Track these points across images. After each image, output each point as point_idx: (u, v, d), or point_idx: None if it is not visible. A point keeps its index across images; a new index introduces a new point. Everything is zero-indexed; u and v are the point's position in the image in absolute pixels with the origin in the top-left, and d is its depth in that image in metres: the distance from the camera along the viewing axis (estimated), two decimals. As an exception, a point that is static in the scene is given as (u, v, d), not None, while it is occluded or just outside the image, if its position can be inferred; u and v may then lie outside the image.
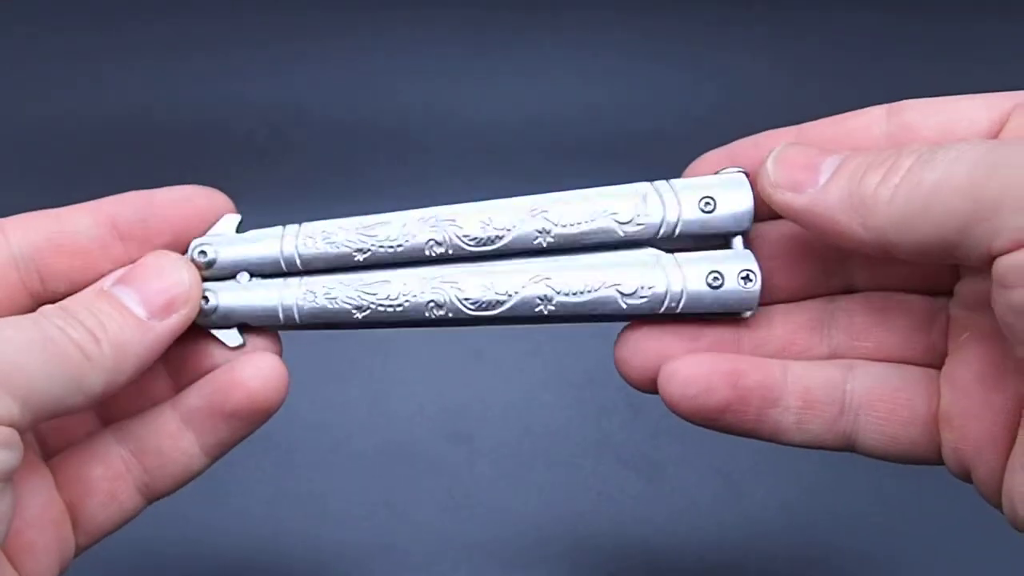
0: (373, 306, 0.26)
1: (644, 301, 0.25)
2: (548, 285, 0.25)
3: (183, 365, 0.27)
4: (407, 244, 0.26)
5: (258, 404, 0.25)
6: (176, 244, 0.26)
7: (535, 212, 0.25)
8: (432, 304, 0.25)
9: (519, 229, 0.25)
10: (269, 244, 0.26)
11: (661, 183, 0.26)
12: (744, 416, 0.25)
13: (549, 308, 0.25)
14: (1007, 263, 0.19)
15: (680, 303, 0.25)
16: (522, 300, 0.25)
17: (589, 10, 0.54)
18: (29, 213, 0.25)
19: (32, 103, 0.52)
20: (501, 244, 0.26)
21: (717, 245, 0.26)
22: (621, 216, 0.25)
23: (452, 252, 0.26)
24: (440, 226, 0.26)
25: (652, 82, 0.52)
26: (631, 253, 0.26)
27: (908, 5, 0.54)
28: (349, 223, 0.26)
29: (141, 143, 0.50)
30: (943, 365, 0.25)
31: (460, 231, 0.26)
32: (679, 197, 0.25)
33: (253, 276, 0.26)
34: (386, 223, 0.26)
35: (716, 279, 0.25)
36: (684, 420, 0.25)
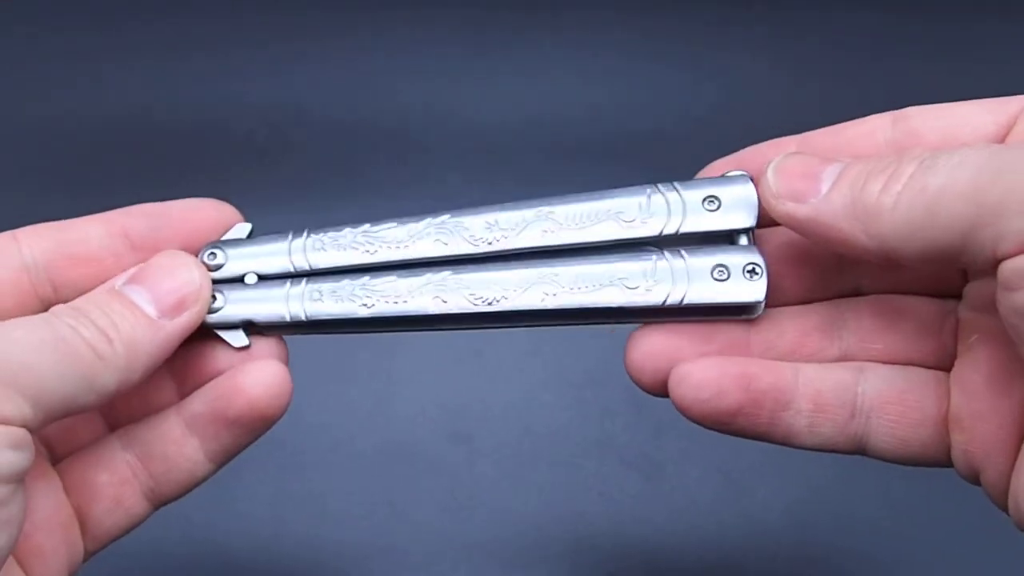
0: (379, 303, 0.26)
1: (649, 294, 0.25)
2: (554, 281, 0.25)
3: (188, 370, 0.27)
4: (414, 246, 0.26)
5: (259, 412, 0.25)
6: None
7: (541, 215, 0.26)
8: (438, 300, 0.26)
9: (525, 231, 0.26)
10: (277, 247, 0.26)
11: (665, 184, 0.26)
12: (757, 419, 0.25)
13: (555, 303, 0.25)
14: (1012, 267, 0.19)
15: (684, 296, 0.25)
16: (528, 297, 0.25)
17: (589, 10, 0.54)
18: (41, 224, 0.26)
19: (32, 103, 0.52)
20: (507, 246, 0.26)
21: (722, 240, 0.26)
22: (626, 216, 0.26)
23: (459, 254, 0.26)
24: (446, 229, 0.26)
25: (652, 82, 0.52)
26: (636, 252, 0.26)
27: (908, 5, 0.54)
28: (356, 228, 0.26)
29: (141, 143, 0.50)
30: (952, 367, 0.25)
31: (467, 232, 0.26)
32: (683, 197, 0.26)
33: (261, 278, 0.26)
34: (393, 227, 0.26)
35: (721, 272, 0.25)
36: (695, 423, 0.25)
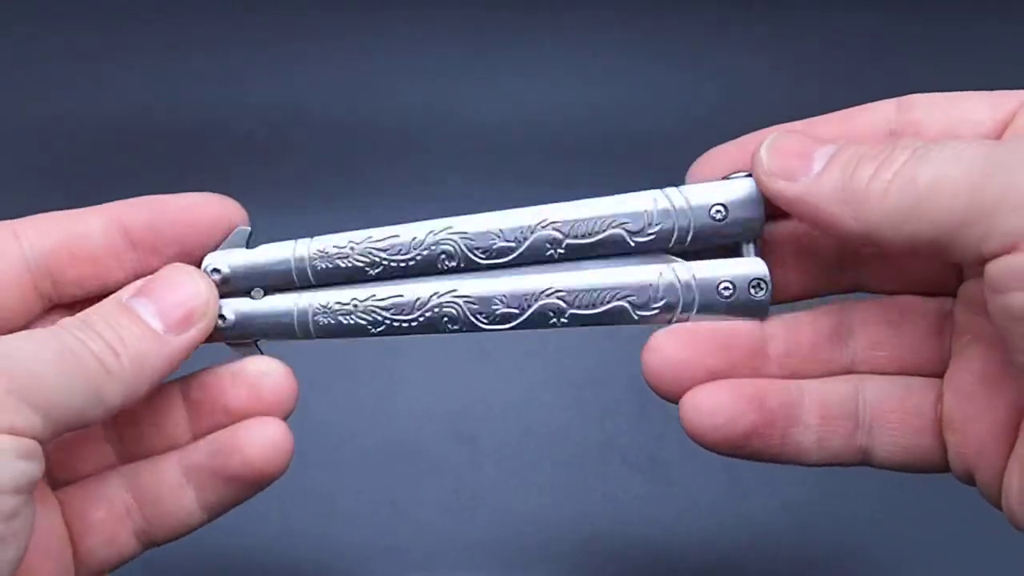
0: (388, 322, 0.26)
1: (655, 313, 0.26)
2: (560, 299, 0.26)
3: (203, 401, 0.27)
4: (419, 259, 0.26)
5: (257, 471, 0.26)
6: (187, 251, 0.26)
7: (545, 223, 0.26)
8: (447, 320, 0.26)
9: (530, 240, 0.26)
10: (281, 259, 0.26)
11: (672, 190, 0.26)
12: (770, 440, 0.25)
13: (562, 320, 0.26)
14: (998, 267, 0.19)
15: (692, 313, 0.26)
16: (535, 314, 0.26)
17: (589, 10, 0.54)
18: (41, 215, 0.25)
19: (32, 103, 0.52)
20: (513, 256, 0.26)
21: (728, 247, 0.26)
22: (632, 226, 0.26)
23: (464, 264, 0.26)
24: (451, 239, 0.26)
25: (652, 82, 0.52)
26: (642, 266, 0.26)
27: (908, 5, 0.54)
28: (359, 236, 0.26)
29: (141, 143, 0.50)
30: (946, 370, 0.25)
31: (471, 243, 0.26)
32: (690, 204, 0.25)
33: (267, 292, 0.27)
34: (396, 235, 0.26)
35: (727, 289, 0.25)
36: (708, 449, 0.25)
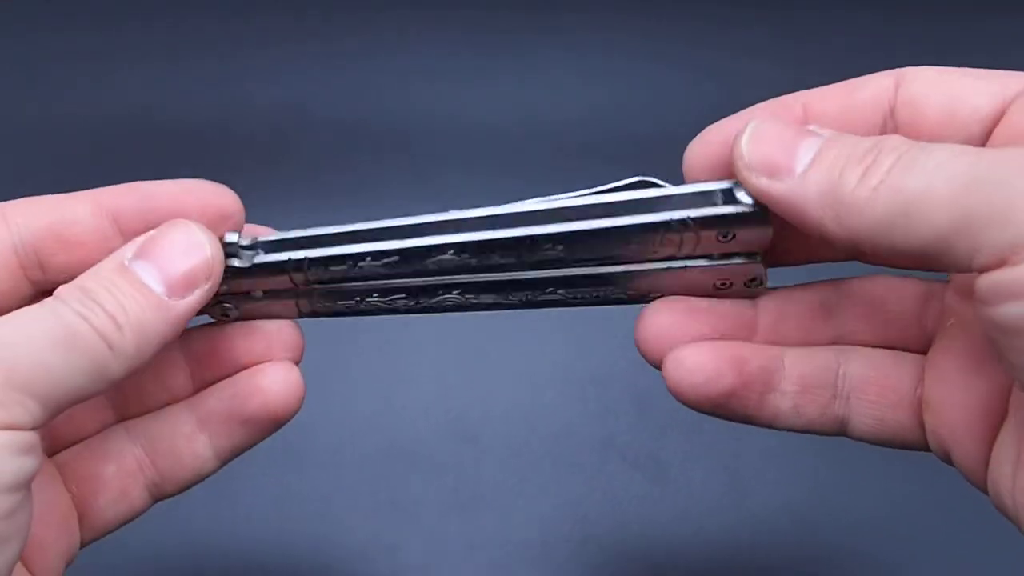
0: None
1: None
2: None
3: (205, 358, 0.26)
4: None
5: (274, 412, 0.26)
6: None
7: (549, 248, 0.25)
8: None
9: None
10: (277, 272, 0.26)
11: (679, 214, 0.24)
12: (747, 401, 0.25)
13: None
14: (987, 281, 0.19)
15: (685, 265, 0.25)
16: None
17: (590, 12, 0.54)
18: (29, 199, 0.25)
19: (33, 104, 0.52)
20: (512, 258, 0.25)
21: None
22: (637, 244, 0.25)
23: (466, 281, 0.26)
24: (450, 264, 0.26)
25: (653, 83, 0.52)
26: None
27: (908, 5, 0.54)
28: (353, 265, 0.26)
29: (143, 144, 0.50)
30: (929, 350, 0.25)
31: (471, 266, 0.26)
32: (699, 233, 0.24)
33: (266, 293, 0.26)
34: (396, 259, 0.26)
35: (723, 284, 0.26)
36: (688, 407, 0.25)
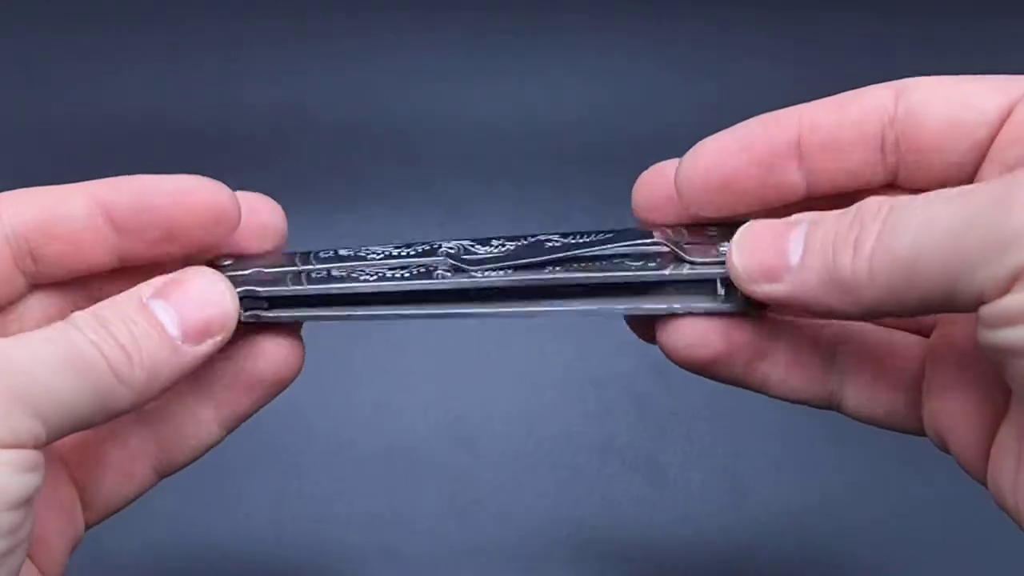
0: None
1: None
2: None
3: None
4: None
5: (279, 374, 0.26)
6: (171, 236, 0.25)
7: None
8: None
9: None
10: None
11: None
12: (733, 368, 0.25)
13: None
14: (989, 310, 0.19)
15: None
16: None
17: (589, 13, 0.54)
18: (21, 190, 0.25)
19: (33, 104, 0.52)
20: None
21: None
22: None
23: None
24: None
25: (652, 85, 0.52)
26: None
27: (908, 5, 0.54)
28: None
29: (143, 145, 0.50)
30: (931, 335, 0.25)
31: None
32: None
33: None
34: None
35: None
36: (678, 366, 0.26)
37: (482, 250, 0.26)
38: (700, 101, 0.51)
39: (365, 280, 0.25)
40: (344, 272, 0.26)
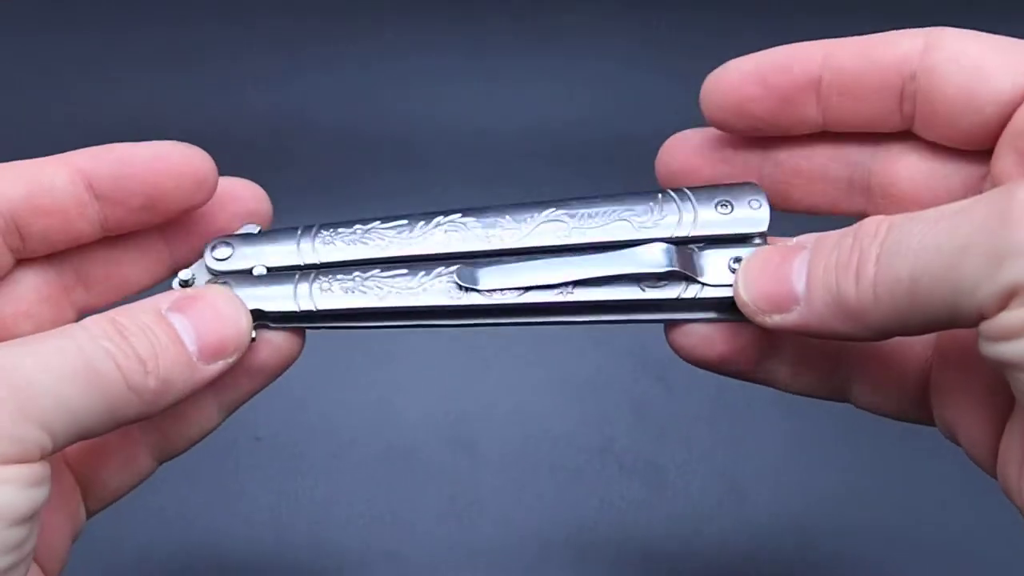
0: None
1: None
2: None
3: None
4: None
5: (281, 357, 0.26)
6: (152, 205, 0.25)
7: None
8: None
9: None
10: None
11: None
12: (741, 365, 0.26)
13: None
14: (987, 326, 0.19)
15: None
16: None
17: (587, 17, 0.54)
18: (4, 164, 0.24)
19: (33, 109, 0.52)
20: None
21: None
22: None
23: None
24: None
25: (651, 88, 0.52)
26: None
27: (908, 6, 0.54)
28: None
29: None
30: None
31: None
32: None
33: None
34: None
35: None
36: (687, 363, 0.26)
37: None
38: (699, 105, 0.51)
39: (372, 294, 0.26)
40: (350, 286, 0.26)
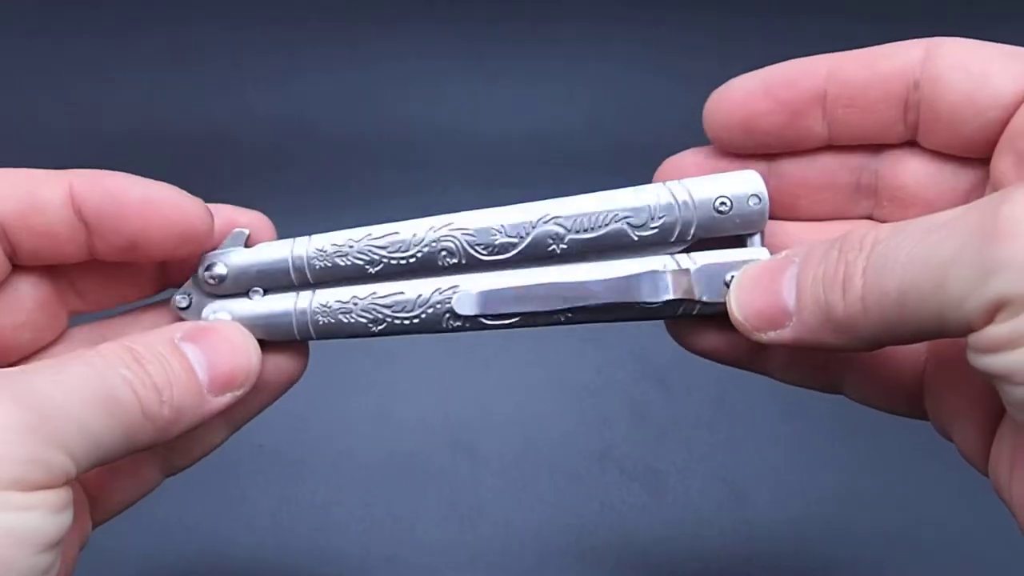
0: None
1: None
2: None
3: None
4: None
5: (286, 375, 0.26)
6: (134, 248, 0.24)
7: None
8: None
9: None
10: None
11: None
12: (739, 359, 0.26)
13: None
14: (975, 338, 0.20)
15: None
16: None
17: (587, 22, 0.54)
18: (3, 171, 0.24)
19: (33, 114, 0.52)
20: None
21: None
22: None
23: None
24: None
25: (650, 91, 0.52)
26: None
27: (908, 6, 0.54)
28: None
29: (144, 155, 0.50)
30: None
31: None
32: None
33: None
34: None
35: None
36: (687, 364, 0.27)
37: (487, 279, 0.26)
38: (700, 107, 0.50)
39: (371, 323, 0.26)
40: (348, 312, 0.26)
